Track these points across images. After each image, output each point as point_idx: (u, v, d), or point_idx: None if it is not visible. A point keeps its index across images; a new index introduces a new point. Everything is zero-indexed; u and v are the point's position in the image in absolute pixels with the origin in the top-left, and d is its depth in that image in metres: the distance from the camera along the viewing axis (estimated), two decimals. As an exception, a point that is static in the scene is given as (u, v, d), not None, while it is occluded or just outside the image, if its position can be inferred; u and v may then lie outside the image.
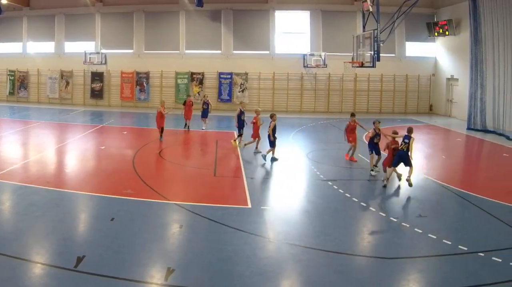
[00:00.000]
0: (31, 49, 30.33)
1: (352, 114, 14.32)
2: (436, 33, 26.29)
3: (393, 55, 27.70)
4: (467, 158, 16.97)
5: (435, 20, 26.81)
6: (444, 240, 7.70)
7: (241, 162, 13.74)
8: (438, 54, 27.81)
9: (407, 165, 10.86)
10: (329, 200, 10.18)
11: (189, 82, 28.47)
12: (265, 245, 7.55)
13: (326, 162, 13.97)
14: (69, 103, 29.44)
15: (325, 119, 24.59)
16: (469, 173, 13.91)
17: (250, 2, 28.20)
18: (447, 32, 25.31)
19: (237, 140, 15.95)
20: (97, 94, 29.50)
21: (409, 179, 10.81)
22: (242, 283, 6.18)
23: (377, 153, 12.60)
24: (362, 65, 19.51)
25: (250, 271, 6.51)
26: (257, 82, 28.23)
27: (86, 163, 13.59)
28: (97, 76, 29.34)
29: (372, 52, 18.16)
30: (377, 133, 12.43)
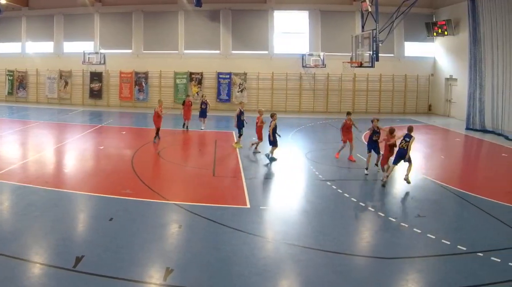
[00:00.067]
0: (30, 49, 30.31)
1: (348, 113, 14.40)
2: (435, 33, 26.31)
3: (392, 55, 27.75)
4: (466, 158, 16.98)
5: (434, 20, 26.85)
6: (443, 240, 7.71)
7: (240, 162, 13.73)
8: (437, 54, 27.84)
9: (407, 161, 10.96)
10: (328, 200, 10.18)
11: (188, 82, 28.47)
12: (264, 245, 7.55)
13: (325, 162, 13.98)
14: (68, 103, 29.43)
15: (324, 119, 24.60)
16: (468, 173, 13.93)
17: (249, 2, 28.21)
18: (446, 32, 25.34)
19: (238, 141, 15.93)
20: (96, 94, 29.49)
21: (408, 177, 10.99)
22: (241, 283, 6.18)
23: (377, 151, 12.58)
24: (361, 65, 19.52)
25: (249, 271, 6.51)
26: (256, 82, 28.24)
27: (85, 163, 13.58)
28: (96, 76, 29.32)
29: (371, 52, 18.16)
30: (376, 131, 12.42)
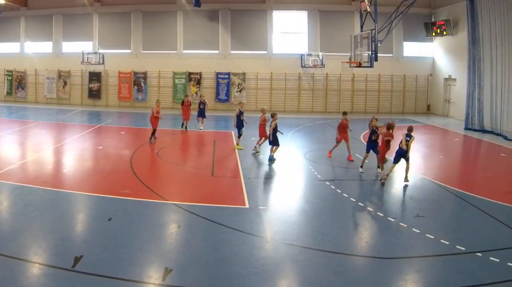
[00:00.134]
0: (29, 49, 30.29)
1: (344, 113, 14.47)
2: (434, 33, 26.33)
3: (391, 55, 27.77)
4: (465, 158, 17.00)
5: (433, 20, 26.87)
6: (442, 240, 7.71)
7: (239, 162, 13.73)
8: (436, 54, 27.86)
9: (406, 160, 11.11)
10: (327, 200, 10.19)
11: (187, 82, 28.46)
12: (263, 245, 7.55)
13: (324, 161, 13.98)
14: (67, 103, 29.41)
15: (323, 119, 24.61)
16: (467, 173, 13.94)
17: (248, 2, 28.21)
18: (445, 32, 25.37)
19: (237, 141, 15.89)
20: (95, 94, 29.47)
21: (406, 176, 11.20)
22: (240, 283, 6.18)
23: (375, 151, 12.57)
24: (360, 65, 19.53)
25: (248, 271, 6.51)
26: (255, 82, 28.24)
27: (84, 163, 13.57)
28: (95, 76, 29.31)
29: (370, 52, 18.18)
30: (374, 131, 12.40)
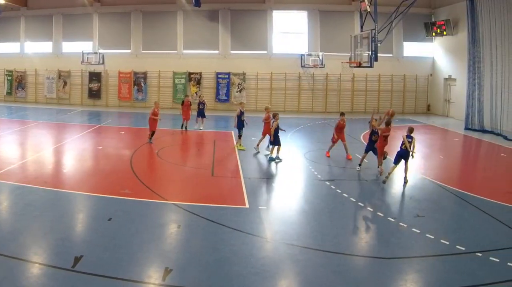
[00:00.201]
0: (29, 49, 30.29)
1: (342, 114, 14.64)
2: (434, 33, 26.32)
3: (391, 55, 27.77)
4: (465, 158, 17.00)
5: (433, 20, 26.86)
6: (442, 240, 7.71)
7: (239, 162, 13.73)
8: (436, 54, 27.86)
9: (406, 161, 11.18)
10: (327, 200, 10.19)
11: (187, 82, 28.46)
12: (263, 245, 7.55)
13: (324, 161, 13.98)
14: (67, 103, 29.41)
15: (323, 119, 24.60)
16: (467, 173, 13.94)
17: (248, 2, 28.21)
18: (445, 32, 25.37)
19: (239, 142, 15.86)
20: (95, 94, 29.47)
21: (405, 176, 11.28)
22: (240, 283, 6.18)
23: (375, 153, 12.58)
24: (360, 65, 19.52)
25: (248, 271, 6.51)
26: (255, 82, 28.24)
27: (84, 163, 13.57)
28: (95, 76, 29.31)
29: (370, 52, 18.17)
30: (374, 131, 12.42)
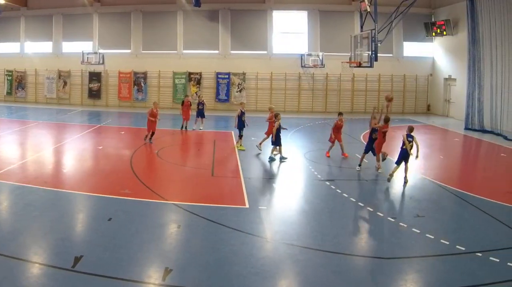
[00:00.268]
0: (29, 49, 30.30)
1: (340, 113, 14.71)
2: (434, 33, 26.33)
3: (391, 55, 27.78)
4: (465, 158, 17.00)
5: (433, 20, 26.87)
6: (442, 240, 7.71)
7: (239, 162, 13.73)
8: (436, 54, 27.87)
9: (407, 162, 11.24)
10: (327, 200, 10.19)
11: (187, 82, 28.46)
12: (263, 245, 7.55)
13: (324, 161, 13.98)
14: (67, 103, 29.42)
15: (323, 119, 24.60)
16: (467, 173, 13.94)
17: (248, 2, 28.21)
18: (445, 32, 25.37)
19: (239, 142, 15.85)
20: (95, 94, 29.48)
21: (406, 176, 11.35)
22: (240, 283, 6.18)
23: (374, 153, 12.60)
24: (360, 65, 19.52)
25: (248, 271, 6.51)
26: (255, 82, 28.24)
27: (84, 163, 13.57)
28: (95, 76, 29.32)
29: (370, 52, 18.17)
30: (375, 129, 12.52)
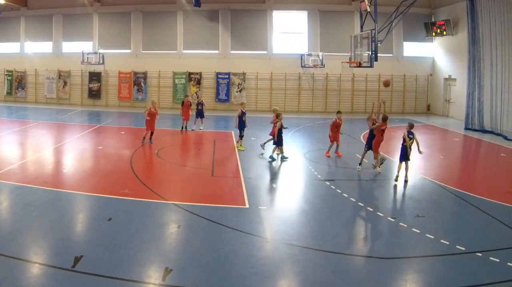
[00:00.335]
0: (29, 49, 30.30)
1: (338, 112, 14.75)
2: (434, 33, 26.33)
3: (391, 55, 27.78)
4: (465, 158, 17.00)
5: (433, 20, 26.87)
6: (442, 240, 7.71)
7: (239, 162, 13.73)
8: (436, 54, 27.87)
9: (408, 160, 11.32)
10: (327, 200, 10.19)
11: (187, 82, 28.46)
12: (263, 245, 7.55)
13: (324, 161, 13.98)
14: (67, 103, 29.42)
15: (323, 119, 24.59)
16: (467, 173, 13.94)
17: (248, 2, 28.21)
18: (445, 32, 25.37)
19: (239, 142, 15.84)
20: (95, 94, 29.48)
21: (406, 176, 11.43)
22: (240, 283, 6.18)
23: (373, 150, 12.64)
24: (360, 65, 19.53)
25: (248, 271, 6.51)
26: (255, 82, 28.25)
27: (84, 163, 13.57)
28: (95, 76, 29.32)
29: (370, 52, 18.18)
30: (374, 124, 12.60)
